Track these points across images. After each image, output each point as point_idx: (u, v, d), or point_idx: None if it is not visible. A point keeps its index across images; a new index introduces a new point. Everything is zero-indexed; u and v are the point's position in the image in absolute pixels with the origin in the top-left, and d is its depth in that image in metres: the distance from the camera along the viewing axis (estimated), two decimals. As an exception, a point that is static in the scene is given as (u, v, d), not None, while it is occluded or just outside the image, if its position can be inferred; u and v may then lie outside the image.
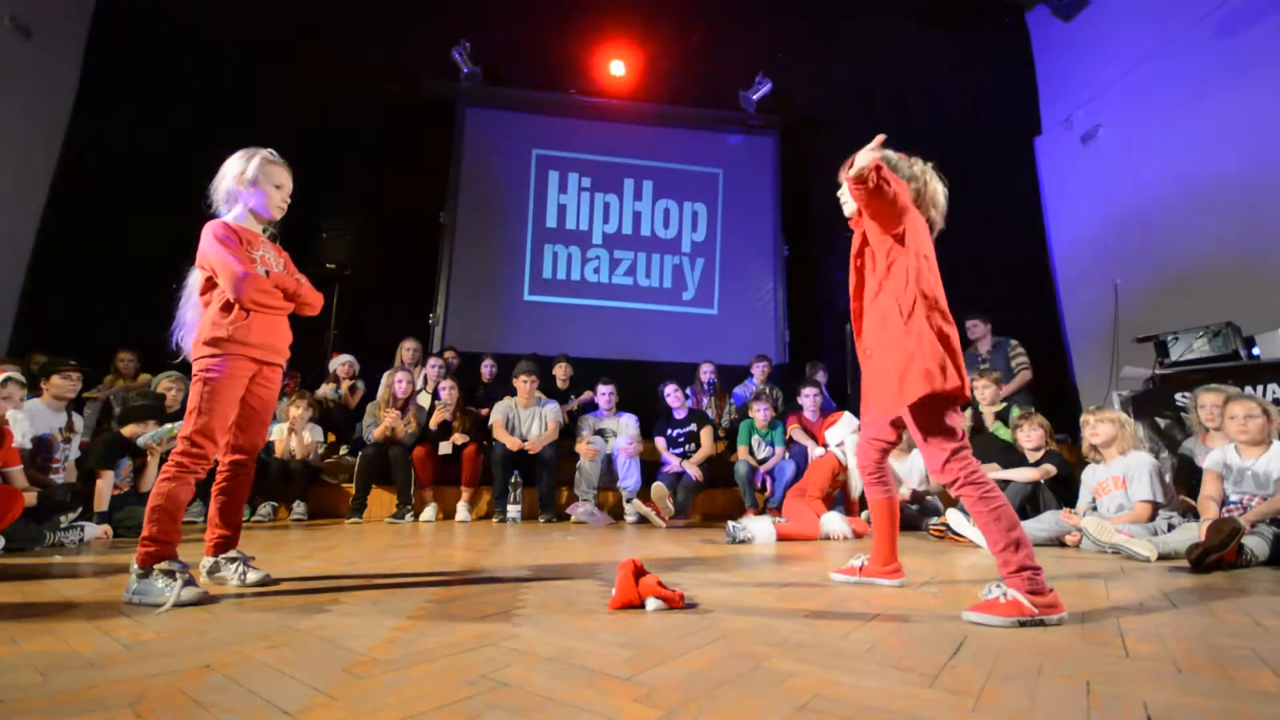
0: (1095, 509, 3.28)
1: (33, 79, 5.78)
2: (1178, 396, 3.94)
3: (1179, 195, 5.71)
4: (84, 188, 6.00)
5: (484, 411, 5.02)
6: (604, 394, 5.00)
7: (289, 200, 2.09)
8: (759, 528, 3.31)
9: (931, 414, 1.72)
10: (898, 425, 2.03)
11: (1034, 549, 1.63)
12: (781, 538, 3.36)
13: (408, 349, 5.49)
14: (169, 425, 3.53)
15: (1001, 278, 6.61)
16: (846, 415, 4.14)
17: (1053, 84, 7.39)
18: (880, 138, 1.70)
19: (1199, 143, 5.57)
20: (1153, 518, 3.06)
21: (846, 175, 1.83)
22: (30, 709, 0.94)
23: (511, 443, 4.46)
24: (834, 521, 3.56)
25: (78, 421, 3.66)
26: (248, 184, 1.98)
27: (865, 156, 1.67)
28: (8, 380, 2.51)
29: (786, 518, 3.61)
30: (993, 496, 1.66)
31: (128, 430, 3.54)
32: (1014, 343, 5.34)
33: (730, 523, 3.38)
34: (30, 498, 2.88)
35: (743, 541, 3.26)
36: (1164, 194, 5.86)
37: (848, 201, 2.01)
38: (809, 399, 4.95)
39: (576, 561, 2.61)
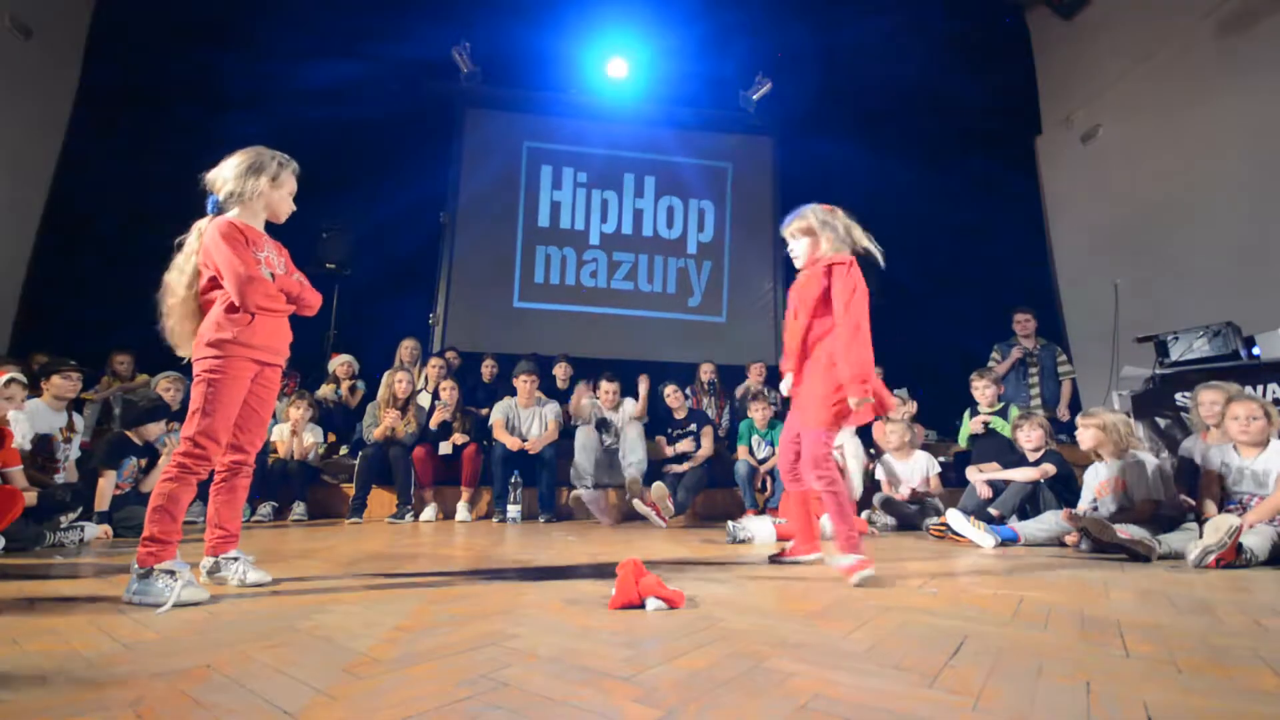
0: (1096, 509, 3.27)
1: (32, 79, 5.78)
2: (1178, 396, 3.94)
3: (1179, 194, 5.71)
4: (83, 188, 6.00)
5: (484, 411, 5.02)
6: (607, 392, 4.87)
7: (294, 206, 2.10)
8: (759, 528, 3.32)
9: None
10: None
11: (1033, 549, 1.71)
12: (781, 538, 3.36)
13: (407, 349, 5.49)
14: None
15: (1001, 278, 6.62)
16: None
17: (1053, 83, 7.38)
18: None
19: (1199, 142, 5.57)
20: (1154, 516, 3.05)
21: (789, 230, 2.43)
22: (31, 709, 0.94)
23: (511, 443, 4.46)
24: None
25: (78, 421, 3.67)
26: (255, 184, 1.97)
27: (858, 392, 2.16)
28: (10, 381, 2.52)
29: (784, 518, 3.61)
30: (839, 492, 2.24)
31: (149, 430, 3.56)
32: (1059, 348, 5.45)
33: (730, 523, 3.38)
34: (30, 497, 2.88)
35: (743, 541, 3.26)
36: (1164, 193, 5.86)
37: (799, 256, 2.44)
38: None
39: (576, 561, 2.61)
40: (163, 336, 1.98)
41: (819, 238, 2.36)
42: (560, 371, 5.75)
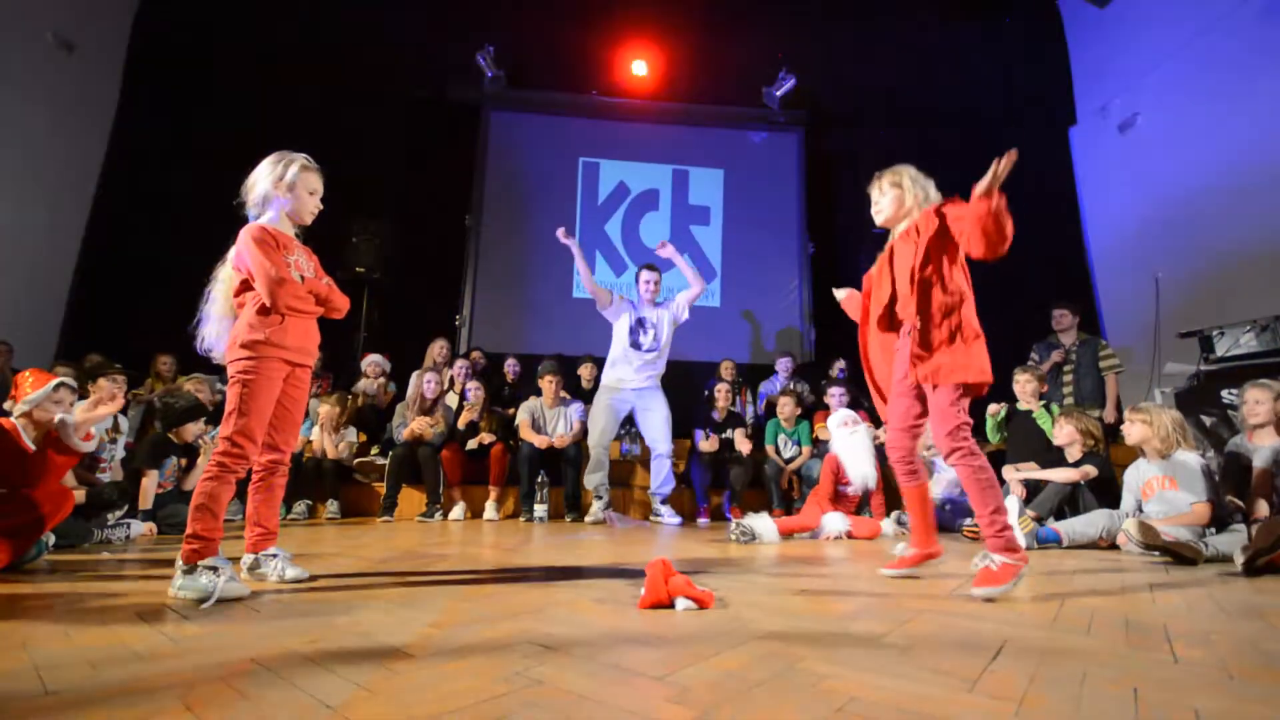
0: (1141, 510, 3.17)
1: (76, 92, 6.00)
2: (1224, 393, 3.80)
3: (1222, 184, 5.50)
4: (126, 196, 6.22)
5: (510, 411, 5.06)
6: (648, 282, 4.57)
7: (320, 206, 2.14)
8: (761, 524, 3.31)
9: (958, 396, 2.00)
10: (922, 400, 2.14)
11: (1072, 551, 1.71)
12: (783, 533, 3.40)
13: (438, 349, 5.56)
14: None
15: (1037, 273, 6.44)
16: (835, 414, 4.12)
17: (1087, 71, 7.17)
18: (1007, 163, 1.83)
19: (1243, 129, 5.36)
20: (1213, 519, 2.93)
21: (881, 183, 2.20)
22: (84, 700, 0.97)
23: (539, 440, 4.49)
24: (834, 521, 3.59)
25: (122, 423, 3.79)
26: (285, 189, 2.02)
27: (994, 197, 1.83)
28: (60, 385, 2.62)
29: (788, 515, 3.68)
30: (985, 468, 1.94)
31: (188, 430, 3.68)
32: (1104, 342, 5.04)
33: (732, 522, 3.39)
34: (79, 495, 2.99)
35: (747, 541, 3.23)
36: (1207, 183, 5.65)
37: (882, 210, 2.21)
38: (836, 398, 4.89)
39: (604, 561, 2.62)
40: (196, 343, 2.02)
41: (907, 193, 2.16)
42: (585, 372, 5.77)
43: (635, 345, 4.39)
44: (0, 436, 2.38)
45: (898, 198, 2.18)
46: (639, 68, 7.45)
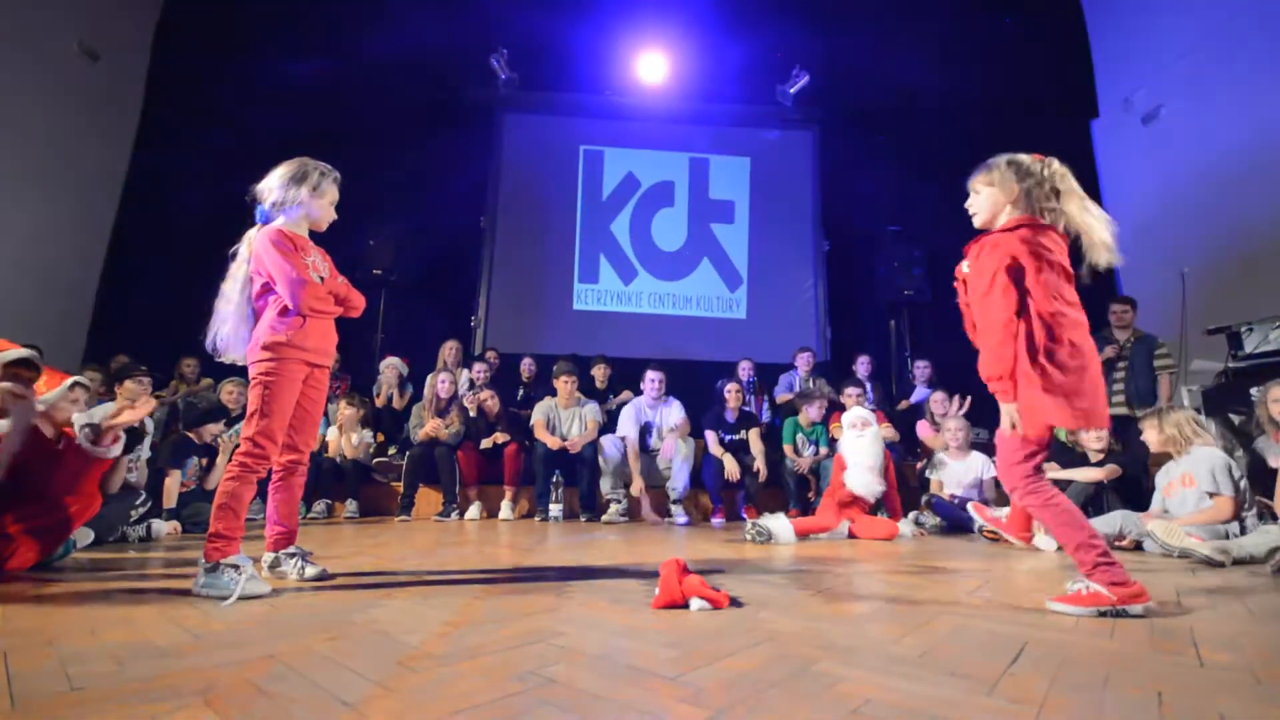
0: (1166, 511, 3.11)
1: (101, 99, 6.14)
2: (1253, 391, 3.71)
3: (1250, 177, 5.36)
4: (150, 200, 6.34)
5: (524, 413, 5.08)
6: (653, 381, 4.79)
7: (335, 215, 2.17)
8: (776, 525, 3.30)
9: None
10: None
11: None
12: (799, 533, 3.36)
13: (450, 350, 5.60)
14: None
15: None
16: (849, 412, 4.07)
17: (1110, 62, 7.02)
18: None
19: (1271, 121, 5.22)
20: (1236, 514, 2.85)
21: (973, 183, 1.98)
22: (109, 695, 0.99)
23: (552, 442, 4.51)
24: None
25: (147, 423, 3.87)
26: (303, 194, 2.05)
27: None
28: (74, 385, 2.67)
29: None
30: (1054, 502, 1.73)
31: (208, 430, 3.78)
32: (1159, 340, 4.69)
33: (749, 522, 3.37)
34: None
35: (763, 541, 3.21)
36: (1234, 176, 5.51)
37: (976, 213, 2.00)
38: (853, 398, 4.85)
39: (619, 560, 2.62)
40: (207, 344, 2.01)
41: (1000, 188, 1.93)
42: (598, 372, 5.78)
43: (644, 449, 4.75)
44: (34, 436, 2.44)
45: (991, 195, 1.96)
46: (652, 66, 7.42)
